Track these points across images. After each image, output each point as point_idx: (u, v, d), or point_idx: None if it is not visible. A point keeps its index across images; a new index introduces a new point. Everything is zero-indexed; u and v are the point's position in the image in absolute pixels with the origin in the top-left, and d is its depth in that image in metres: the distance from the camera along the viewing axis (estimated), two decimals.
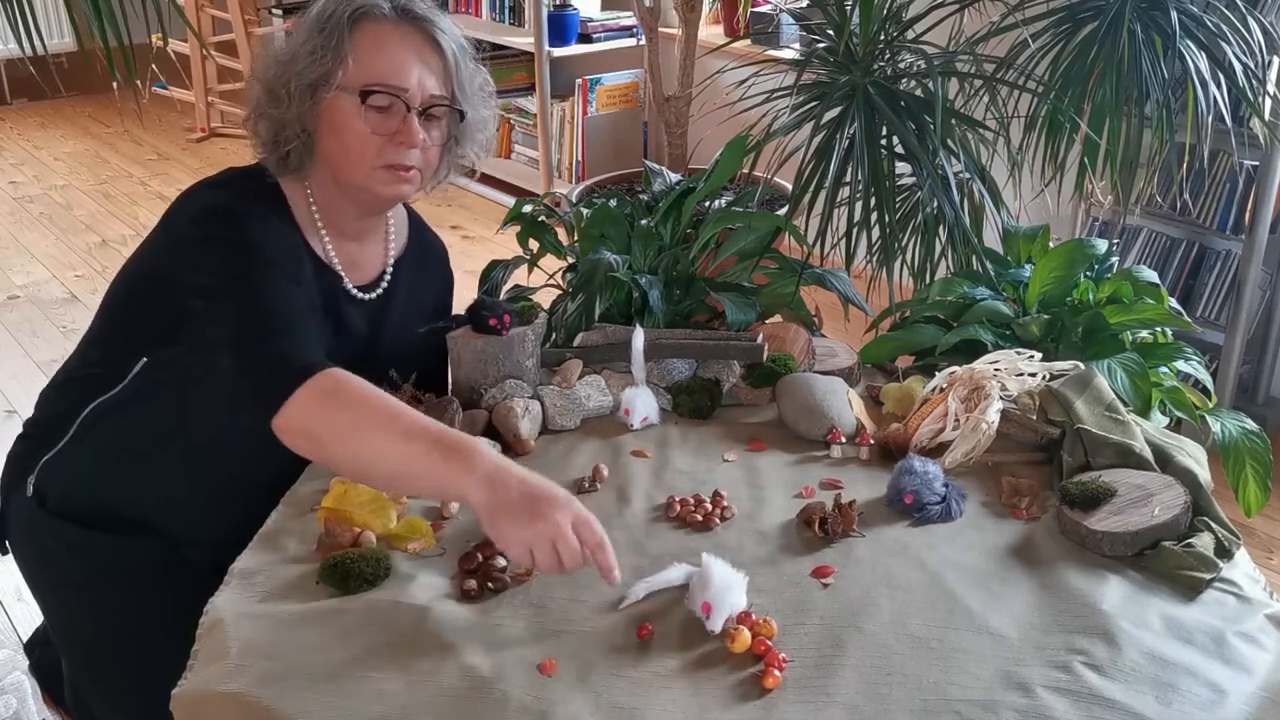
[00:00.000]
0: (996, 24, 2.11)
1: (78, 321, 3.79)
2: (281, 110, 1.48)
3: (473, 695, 1.11)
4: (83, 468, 1.57)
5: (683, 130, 2.84)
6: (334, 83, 1.46)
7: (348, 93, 1.46)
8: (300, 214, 1.54)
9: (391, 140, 1.48)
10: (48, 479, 1.58)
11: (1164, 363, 1.75)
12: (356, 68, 1.46)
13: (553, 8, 4.58)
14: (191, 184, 1.53)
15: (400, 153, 1.48)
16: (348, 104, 1.47)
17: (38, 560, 1.62)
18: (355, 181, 1.51)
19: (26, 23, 1.65)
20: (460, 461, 1.21)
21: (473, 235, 4.49)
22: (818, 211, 1.89)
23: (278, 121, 1.49)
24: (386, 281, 1.64)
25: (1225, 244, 2.98)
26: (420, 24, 1.49)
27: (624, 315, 1.84)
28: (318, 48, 1.46)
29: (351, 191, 1.53)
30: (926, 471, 1.40)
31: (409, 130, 1.48)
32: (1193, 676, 1.13)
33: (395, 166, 1.49)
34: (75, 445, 1.57)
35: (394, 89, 1.47)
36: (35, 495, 1.58)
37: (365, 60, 1.46)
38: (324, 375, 1.29)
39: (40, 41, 1.70)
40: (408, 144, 1.48)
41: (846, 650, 1.17)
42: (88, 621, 1.60)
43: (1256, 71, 1.99)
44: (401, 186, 1.52)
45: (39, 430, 1.61)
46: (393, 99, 1.47)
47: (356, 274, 1.60)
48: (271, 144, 1.52)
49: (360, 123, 1.47)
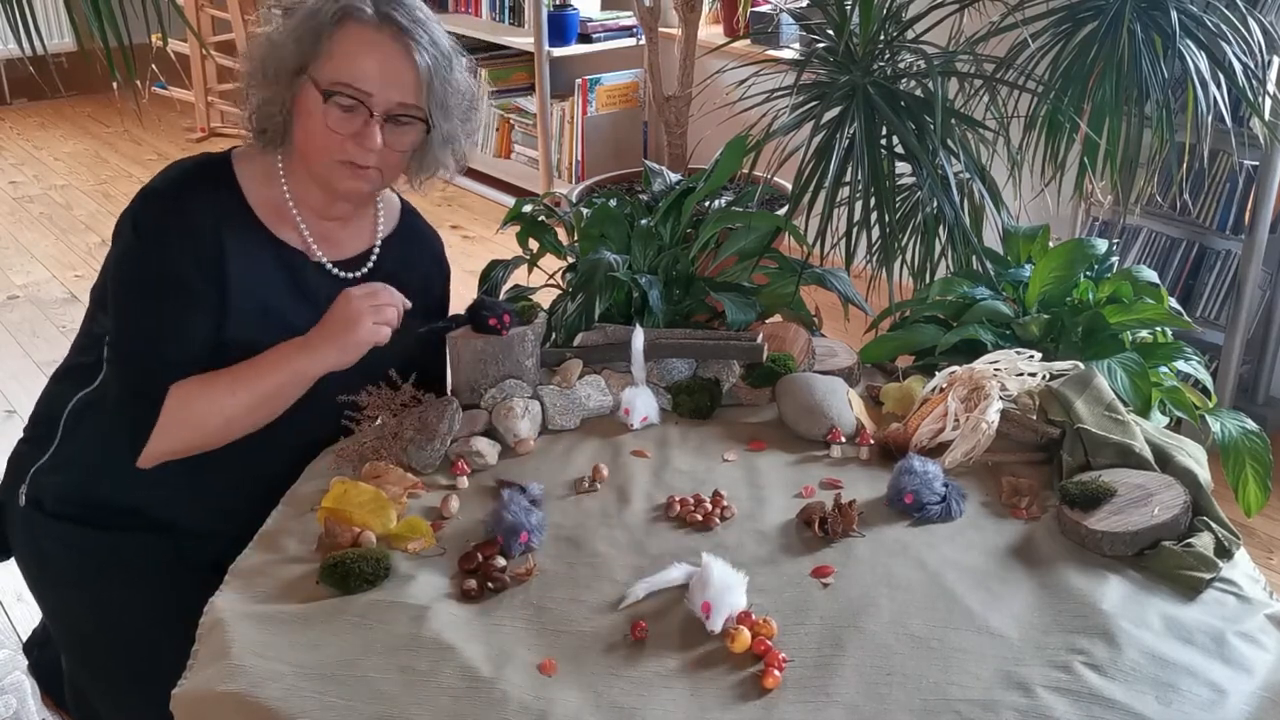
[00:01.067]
0: (996, 24, 2.11)
1: (77, 322, 3.75)
2: (264, 88, 1.54)
3: (472, 695, 1.11)
4: (73, 467, 1.59)
5: (683, 130, 2.84)
6: (307, 73, 1.50)
7: (317, 87, 1.50)
8: (266, 194, 1.58)
9: (351, 139, 1.51)
10: (40, 486, 1.60)
11: (1164, 363, 1.75)
12: (329, 64, 1.50)
13: (553, 8, 4.58)
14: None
15: (359, 152, 1.52)
16: (315, 97, 1.50)
17: (37, 561, 1.63)
18: (315, 170, 1.55)
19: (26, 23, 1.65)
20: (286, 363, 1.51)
21: (473, 235, 4.49)
22: (818, 211, 1.89)
23: (260, 98, 1.55)
24: (373, 260, 1.66)
25: (1225, 244, 2.98)
26: (401, 35, 1.51)
27: (624, 315, 1.84)
28: (302, 37, 1.51)
29: (316, 177, 1.57)
30: (926, 471, 1.40)
31: (368, 134, 1.51)
32: (1193, 676, 1.12)
33: (353, 164, 1.53)
34: (65, 443, 1.59)
35: (357, 93, 1.50)
36: (29, 503, 1.60)
37: (339, 59, 1.50)
38: (171, 403, 1.48)
39: (40, 41, 1.70)
40: (366, 146, 1.51)
41: (846, 650, 1.17)
42: (88, 620, 1.61)
43: (1256, 71, 1.99)
44: (359, 183, 1.55)
45: (35, 432, 1.64)
46: (356, 103, 1.50)
47: (333, 250, 1.63)
48: (255, 118, 1.57)
49: (322, 118, 1.50)
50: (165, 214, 1.52)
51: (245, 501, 1.45)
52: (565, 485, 1.46)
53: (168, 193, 1.53)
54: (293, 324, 1.54)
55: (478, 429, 1.55)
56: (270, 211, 1.58)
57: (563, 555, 1.32)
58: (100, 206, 4.91)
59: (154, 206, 1.52)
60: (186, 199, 1.53)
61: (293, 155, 1.58)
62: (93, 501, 1.58)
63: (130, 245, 1.51)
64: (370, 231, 1.67)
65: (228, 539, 1.38)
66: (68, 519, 1.58)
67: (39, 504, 1.60)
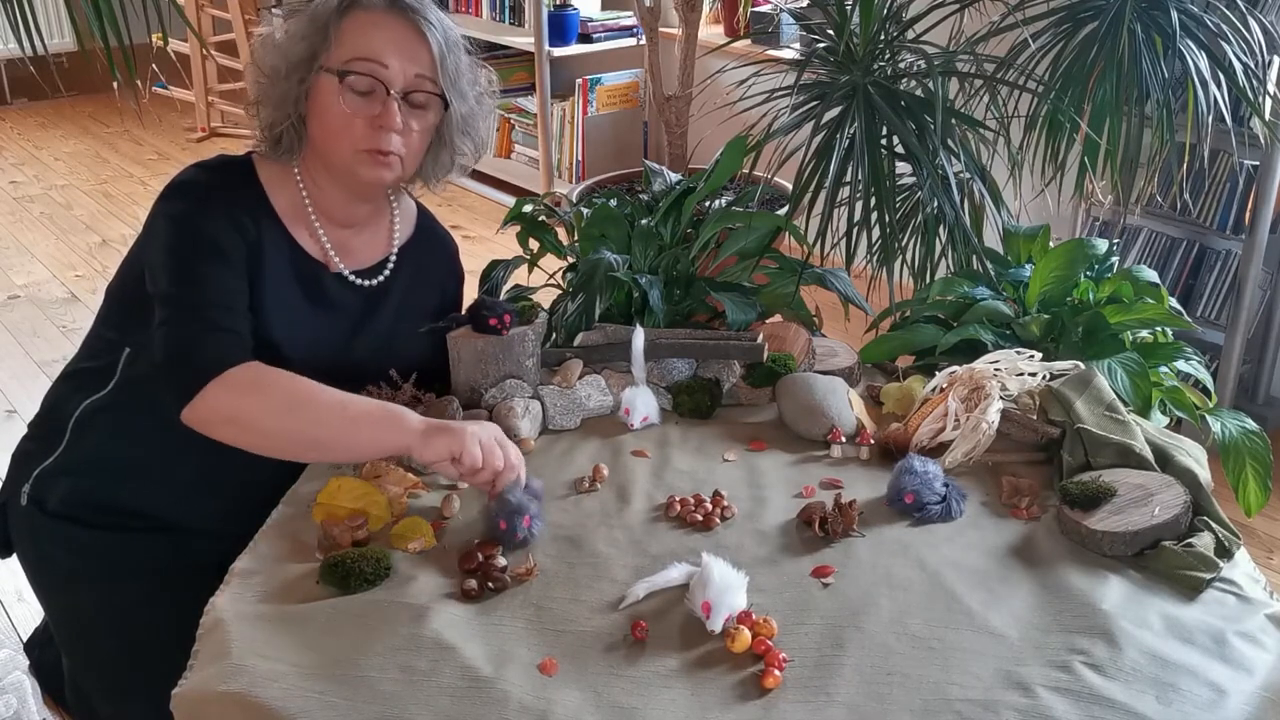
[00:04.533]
0: (996, 24, 2.11)
1: (78, 321, 3.79)
2: (275, 92, 1.52)
3: (472, 694, 1.11)
4: (82, 471, 1.59)
5: (683, 130, 2.84)
6: (319, 64, 1.50)
7: (330, 74, 1.49)
8: (286, 200, 1.57)
9: (372, 124, 1.50)
10: (44, 487, 1.60)
11: (1164, 363, 1.75)
12: (339, 50, 1.50)
13: (553, 7, 4.58)
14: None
15: (380, 137, 1.51)
16: (331, 85, 1.50)
17: (39, 561, 1.63)
18: (338, 163, 1.54)
19: (26, 23, 1.65)
20: (397, 422, 1.37)
21: (473, 235, 4.49)
22: (818, 211, 1.89)
23: (272, 104, 1.54)
24: (390, 268, 1.65)
25: (1225, 244, 2.98)
26: (407, 14, 1.52)
27: (624, 315, 1.84)
28: (309, 33, 1.51)
29: (337, 174, 1.56)
30: (926, 471, 1.40)
31: (388, 113, 1.50)
32: (1193, 676, 1.12)
33: (375, 151, 1.51)
34: (74, 444, 1.59)
35: (373, 67, 1.49)
36: (31, 503, 1.60)
37: (350, 41, 1.50)
38: (243, 368, 1.39)
39: (40, 41, 1.70)
40: (387, 127, 1.50)
41: (846, 650, 1.17)
42: (90, 619, 1.60)
43: (1256, 71, 1.99)
44: (381, 171, 1.53)
45: (41, 432, 1.63)
46: (373, 82, 1.49)
47: (351, 259, 1.62)
48: (268, 127, 1.56)
49: (341, 104, 1.49)
50: (210, 192, 1.50)
51: (249, 502, 1.45)
52: (565, 485, 1.46)
53: (209, 179, 1.53)
54: (313, 330, 1.54)
55: None
56: (291, 217, 1.57)
57: (563, 555, 1.32)
58: (100, 206, 4.91)
59: (194, 190, 1.50)
60: (228, 185, 1.53)
61: (310, 160, 1.57)
62: (102, 505, 1.58)
63: (181, 213, 1.48)
64: (386, 240, 1.67)
65: (232, 539, 1.38)
66: (71, 520, 1.58)
67: (41, 504, 1.59)
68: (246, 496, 1.47)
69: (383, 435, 1.38)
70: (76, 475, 1.59)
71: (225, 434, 1.40)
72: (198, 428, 1.40)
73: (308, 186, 1.58)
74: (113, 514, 1.58)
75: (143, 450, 1.57)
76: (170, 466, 1.57)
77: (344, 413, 1.38)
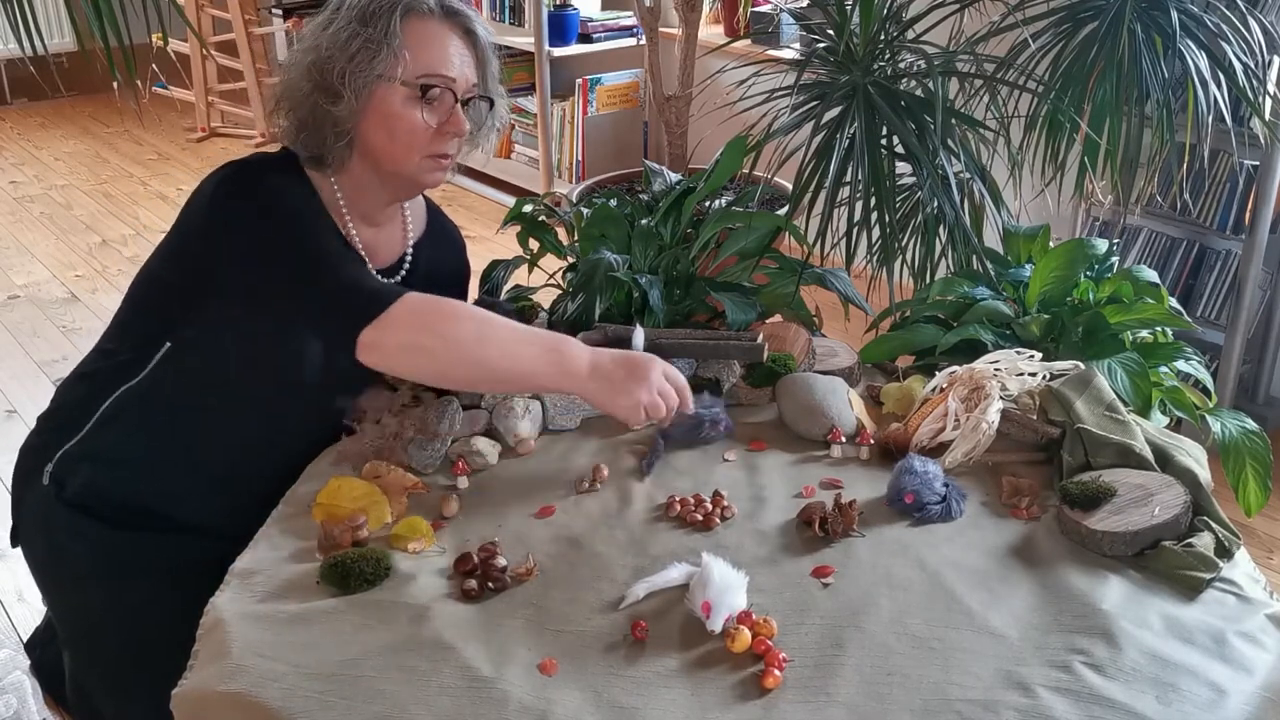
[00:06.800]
0: (996, 24, 2.11)
1: (78, 321, 3.79)
2: (338, 106, 1.49)
3: (472, 694, 1.11)
4: (106, 457, 1.56)
5: (683, 130, 2.84)
6: (393, 77, 1.49)
7: (406, 86, 1.50)
8: (327, 197, 1.57)
9: (440, 130, 1.52)
10: (67, 468, 1.56)
11: (1164, 363, 1.75)
12: (411, 62, 1.50)
13: (553, 7, 4.58)
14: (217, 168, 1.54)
15: (445, 142, 1.54)
16: (400, 96, 1.50)
17: (50, 555, 1.61)
18: (402, 171, 1.55)
19: (26, 23, 1.65)
20: (567, 364, 1.40)
21: (473, 235, 4.49)
22: (818, 211, 1.89)
23: (327, 117, 1.50)
24: (408, 265, 1.67)
25: (1225, 244, 2.98)
26: (459, 18, 1.55)
27: (624, 315, 1.84)
28: (370, 42, 1.48)
29: (391, 180, 1.56)
30: (926, 471, 1.40)
31: (457, 120, 1.53)
32: (1193, 676, 1.13)
33: (439, 156, 1.54)
34: (97, 434, 1.56)
35: (445, 80, 1.52)
36: (53, 484, 1.57)
37: (419, 54, 1.51)
38: (413, 296, 1.39)
39: (40, 41, 1.70)
40: (455, 133, 1.53)
41: (847, 650, 1.17)
42: (99, 617, 1.59)
43: (1256, 71, 1.99)
44: (442, 175, 1.58)
45: (56, 421, 1.60)
46: (445, 91, 1.52)
47: (376, 259, 1.63)
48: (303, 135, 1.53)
49: (414, 115, 1.51)
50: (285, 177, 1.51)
51: (253, 502, 1.44)
52: (565, 485, 1.46)
53: (270, 162, 1.54)
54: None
55: (478, 429, 1.55)
56: (336, 219, 1.57)
57: (563, 555, 1.32)
58: (101, 206, 4.91)
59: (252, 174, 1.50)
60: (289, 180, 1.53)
61: (353, 166, 1.55)
62: (118, 501, 1.56)
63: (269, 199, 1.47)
64: (401, 238, 1.67)
65: (236, 539, 1.38)
66: (87, 513, 1.56)
67: (61, 486, 1.56)
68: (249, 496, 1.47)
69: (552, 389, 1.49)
70: (96, 465, 1.56)
71: (398, 361, 1.39)
72: (372, 356, 1.37)
73: (345, 190, 1.57)
74: (128, 511, 1.57)
75: (161, 448, 1.56)
76: (189, 466, 1.57)
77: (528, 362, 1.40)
